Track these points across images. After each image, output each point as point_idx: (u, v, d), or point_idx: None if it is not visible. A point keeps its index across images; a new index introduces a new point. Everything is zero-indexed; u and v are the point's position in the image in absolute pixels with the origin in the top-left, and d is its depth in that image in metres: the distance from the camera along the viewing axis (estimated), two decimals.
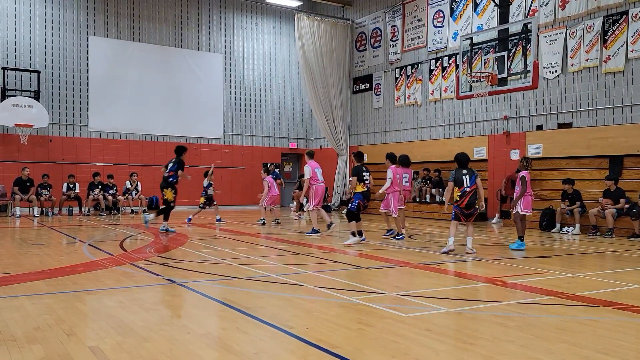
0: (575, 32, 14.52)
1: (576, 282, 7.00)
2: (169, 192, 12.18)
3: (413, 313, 5.14)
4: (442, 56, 18.40)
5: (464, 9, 17.60)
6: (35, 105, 18.19)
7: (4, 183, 18.05)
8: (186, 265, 7.77)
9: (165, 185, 12.27)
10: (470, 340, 4.28)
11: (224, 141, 22.54)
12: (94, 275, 7.08)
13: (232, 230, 13.19)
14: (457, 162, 9.45)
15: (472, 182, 9.20)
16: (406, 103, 19.88)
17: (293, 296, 5.87)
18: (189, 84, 21.72)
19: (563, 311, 5.37)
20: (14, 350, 3.97)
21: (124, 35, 20.55)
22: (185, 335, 4.37)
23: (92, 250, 9.41)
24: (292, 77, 24.21)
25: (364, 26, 21.93)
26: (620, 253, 9.86)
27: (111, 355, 3.88)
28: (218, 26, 22.46)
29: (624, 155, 13.63)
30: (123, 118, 20.46)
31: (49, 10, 19.31)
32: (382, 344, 4.18)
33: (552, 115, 15.21)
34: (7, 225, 14.21)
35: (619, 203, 12.48)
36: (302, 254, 9.25)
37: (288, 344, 4.27)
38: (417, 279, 7.25)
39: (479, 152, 17.11)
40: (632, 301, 5.73)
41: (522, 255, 9.29)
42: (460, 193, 9.20)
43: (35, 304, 5.39)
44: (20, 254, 8.83)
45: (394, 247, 10.08)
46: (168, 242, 10.60)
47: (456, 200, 9.29)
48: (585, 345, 4.19)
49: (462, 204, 9.22)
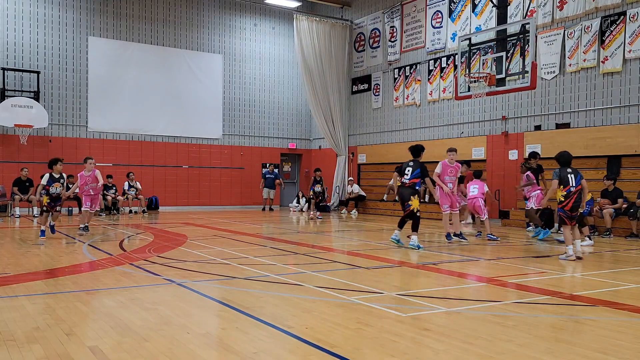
0: (573, 33, 14.55)
1: (574, 281, 7.03)
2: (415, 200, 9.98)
3: (412, 313, 5.16)
4: (441, 57, 18.42)
5: (462, 9, 17.62)
6: (34, 106, 18.20)
7: (4, 183, 18.06)
8: (185, 265, 7.79)
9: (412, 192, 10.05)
10: (469, 340, 4.29)
11: (224, 141, 22.55)
12: (93, 275, 7.09)
13: (231, 231, 13.20)
14: (560, 161, 8.84)
15: (578, 182, 8.63)
16: (405, 103, 19.90)
17: (292, 296, 5.89)
18: (188, 85, 21.73)
19: (561, 311, 5.39)
20: (14, 350, 3.98)
21: (123, 36, 20.56)
22: (184, 335, 4.39)
23: (91, 250, 9.42)
24: (291, 77, 24.23)
25: (362, 27, 21.95)
26: (618, 253, 9.88)
27: (111, 355, 3.89)
28: (217, 27, 22.47)
29: (621, 156, 13.67)
30: (122, 118, 20.46)
31: (49, 10, 19.32)
32: (381, 343, 4.20)
33: (551, 116, 15.24)
34: (7, 226, 14.21)
35: (617, 203, 12.51)
36: (301, 253, 9.26)
37: (287, 344, 4.29)
38: (416, 278, 7.27)
39: (477, 153, 17.14)
40: (631, 301, 5.75)
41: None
42: (566, 193, 8.58)
43: (35, 304, 5.40)
44: (20, 254, 8.83)
45: (394, 247, 10.09)
46: (167, 241, 10.60)
47: (560, 201, 8.63)
48: (583, 344, 4.21)
49: (568, 205, 8.58)
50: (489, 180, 16.72)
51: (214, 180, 22.36)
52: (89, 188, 11.78)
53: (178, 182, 21.56)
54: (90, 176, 11.80)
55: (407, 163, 10.06)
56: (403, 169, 10.11)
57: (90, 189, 11.81)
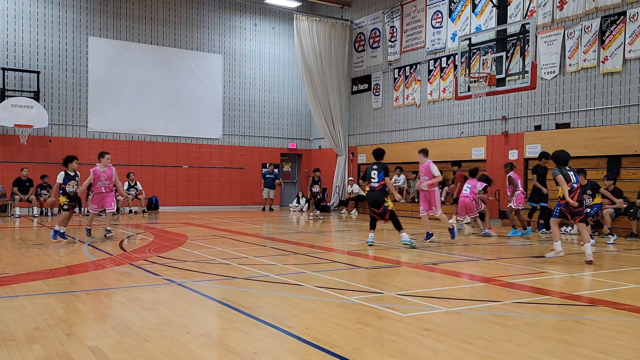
0: (573, 33, 14.55)
1: (574, 281, 7.03)
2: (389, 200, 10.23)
3: (412, 313, 5.16)
4: (441, 57, 18.42)
5: (462, 9, 17.62)
6: (34, 106, 18.19)
7: (4, 183, 18.06)
8: (185, 265, 7.79)
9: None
10: (469, 340, 4.29)
11: (223, 141, 22.56)
12: (93, 275, 7.09)
13: (231, 231, 13.20)
14: (557, 161, 8.65)
15: (578, 180, 8.56)
16: (405, 103, 19.90)
17: (292, 296, 5.89)
18: (188, 85, 21.73)
19: (561, 311, 5.39)
20: (14, 350, 3.98)
21: (123, 36, 20.56)
22: (184, 335, 4.39)
23: (91, 250, 9.42)
24: (291, 77, 24.23)
25: (362, 27, 21.95)
26: (618, 253, 9.88)
27: (111, 355, 3.89)
28: (217, 27, 22.47)
29: (621, 156, 13.67)
30: (122, 118, 20.47)
31: (49, 10, 19.32)
32: (381, 343, 4.20)
33: (551, 116, 15.23)
34: (7, 226, 14.21)
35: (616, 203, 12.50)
36: (301, 253, 9.26)
37: (287, 344, 4.29)
38: (415, 278, 7.27)
39: (477, 153, 17.14)
40: (631, 301, 5.75)
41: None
42: (569, 188, 8.39)
43: (35, 304, 5.40)
44: (20, 254, 8.83)
45: (394, 247, 10.09)
46: (167, 241, 10.60)
47: (562, 197, 8.45)
48: (583, 344, 4.21)
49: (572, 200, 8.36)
50: None
51: (214, 180, 22.36)
52: (102, 185, 10.91)
53: (178, 182, 21.56)
54: (105, 172, 10.97)
55: (372, 167, 10.26)
56: (368, 174, 10.27)
57: (102, 187, 10.92)
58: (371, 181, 10.17)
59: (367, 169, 10.44)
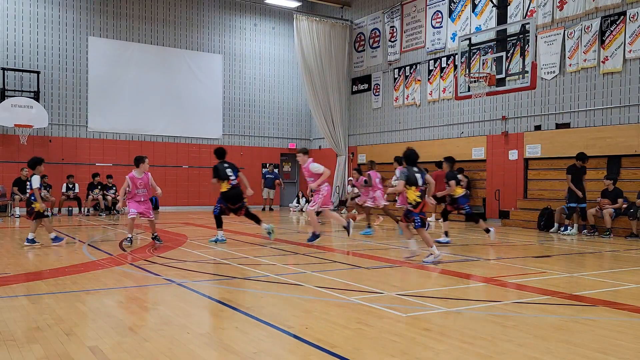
0: (574, 33, 14.55)
1: (574, 282, 7.03)
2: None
3: (412, 313, 5.16)
4: (441, 57, 18.42)
5: (462, 9, 17.62)
6: (34, 106, 18.19)
7: (4, 183, 18.06)
8: (185, 265, 7.78)
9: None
10: (469, 340, 4.29)
11: (224, 141, 22.54)
12: (93, 275, 7.09)
13: (231, 231, 13.19)
14: (406, 160, 8.29)
15: (424, 182, 8.17)
16: (405, 103, 19.90)
17: (292, 296, 5.89)
18: (188, 85, 21.74)
19: (561, 311, 5.39)
20: (14, 350, 3.98)
21: (123, 36, 20.56)
22: (184, 335, 4.39)
23: (91, 250, 9.42)
24: (291, 77, 24.23)
25: (362, 27, 21.95)
26: (618, 253, 9.88)
27: (111, 355, 3.89)
28: (217, 27, 22.47)
29: (621, 156, 13.68)
30: (122, 118, 20.47)
31: (49, 10, 19.32)
32: (381, 343, 4.20)
33: (550, 116, 15.24)
34: (7, 226, 14.21)
35: (617, 203, 12.50)
36: (301, 253, 9.26)
37: (287, 344, 4.29)
38: (415, 278, 7.27)
39: (477, 153, 17.14)
40: (631, 301, 5.75)
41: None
42: (420, 193, 8.09)
43: (35, 304, 5.40)
44: (20, 254, 8.83)
45: (393, 247, 10.09)
46: (167, 241, 10.59)
47: (417, 202, 8.08)
48: (583, 344, 4.21)
49: (417, 208, 8.09)
50: (489, 180, 16.74)
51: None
52: (140, 195, 9.84)
53: (178, 182, 21.56)
54: (142, 179, 9.80)
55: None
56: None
57: (141, 196, 9.85)
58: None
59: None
